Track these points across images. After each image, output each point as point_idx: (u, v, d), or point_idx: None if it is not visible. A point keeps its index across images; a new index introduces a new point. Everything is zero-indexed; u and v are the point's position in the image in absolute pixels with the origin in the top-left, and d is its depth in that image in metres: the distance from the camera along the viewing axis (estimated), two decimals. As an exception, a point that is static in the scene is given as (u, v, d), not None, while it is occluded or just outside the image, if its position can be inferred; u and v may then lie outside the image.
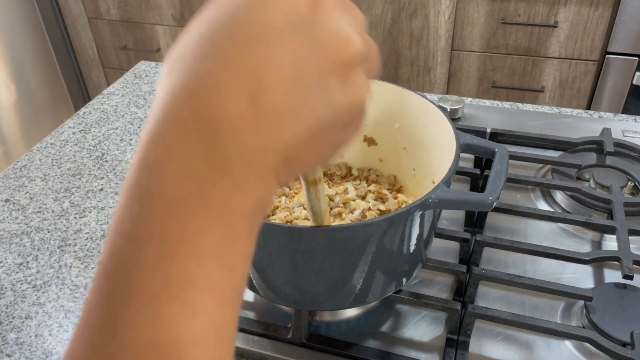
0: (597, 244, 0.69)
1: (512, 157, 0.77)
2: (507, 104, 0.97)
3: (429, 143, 0.60)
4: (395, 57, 1.87)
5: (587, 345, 0.56)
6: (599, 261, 0.63)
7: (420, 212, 0.47)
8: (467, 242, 0.64)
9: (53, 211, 0.80)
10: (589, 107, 1.77)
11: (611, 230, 0.66)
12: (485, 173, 0.75)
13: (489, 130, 0.85)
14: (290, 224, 0.58)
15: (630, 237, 0.64)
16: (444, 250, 0.68)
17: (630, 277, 0.59)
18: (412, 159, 0.64)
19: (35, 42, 2.15)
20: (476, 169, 0.75)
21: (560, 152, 0.82)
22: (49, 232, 0.77)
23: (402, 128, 0.63)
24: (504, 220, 0.72)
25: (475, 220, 0.71)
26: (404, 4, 1.77)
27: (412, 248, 0.50)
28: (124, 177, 0.86)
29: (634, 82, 1.63)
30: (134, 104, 1.06)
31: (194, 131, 0.23)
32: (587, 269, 0.66)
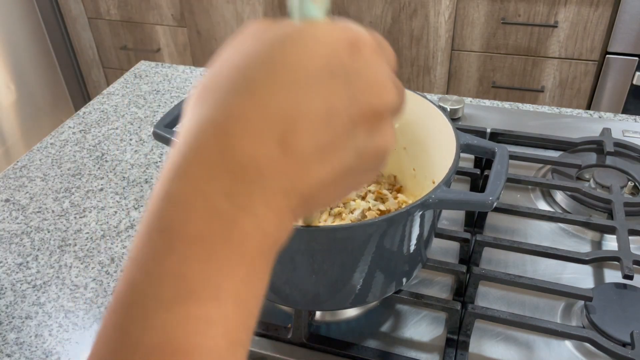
0: (597, 244, 0.69)
1: (512, 157, 0.77)
2: (507, 104, 0.97)
3: (429, 143, 0.60)
4: (395, 57, 1.87)
5: (587, 345, 0.56)
6: (599, 261, 0.63)
7: (420, 212, 0.47)
8: (467, 242, 0.64)
9: (53, 211, 0.80)
10: (589, 107, 1.77)
11: (611, 230, 0.66)
12: (485, 173, 0.75)
13: (489, 130, 0.85)
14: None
15: (630, 237, 0.64)
16: (444, 250, 0.68)
17: (630, 277, 0.59)
18: (412, 159, 0.64)
19: (35, 42, 2.15)
20: (476, 169, 0.75)
21: (560, 152, 0.82)
22: (49, 232, 0.77)
23: (402, 128, 0.63)
24: (504, 220, 0.72)
25: (475, 220, 0.71)
26: (404, 4, 1.76)
27: (412, 248, 0.50)
28: (124, 177, 0.86)
29: (634, 82, 1.63)
30: (134, 104, 1.06)
31: (221, 170, 0.23)
32: (587, 269, 0.66)
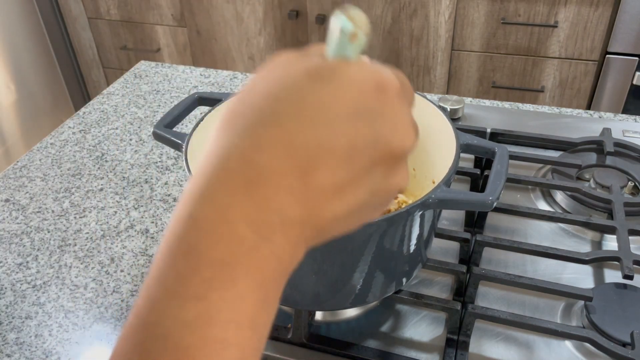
0: (597, 244, 0.69)
1: (512, 157, 0.77)
2: (507, 104, 0.97)
3: (429, 143, 0.60)
4: (395, 57, 1.87)
5: (587, 345, 0.56)
6: (599, 261, 0.63)
7: (420, 212, 0.47)
8: (467, 242, 0.64)
9: (53, 211, 0.80)
10: (589, 107, 1.77)
11: (611, 230, 0.66)
12: (485, 173, 0.75)
13: (489, 130, 0.85)
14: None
15: (630, 237, 0.64)
16: (444, 250, 0.68)
17: (630, 277, 0.59)
18: (412, 159, 0.63)
19: (35, 42, 2.15)
20: (476, 169, 0.75)
21: (560, 152, 0.82)
22: (48, 232, 0.77)
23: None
24: (504, 220, 0.72)
25: (475, 220, 0.71)
26: (404, 4, 1.76)
27: (412, 248, 0.50)
28: (123, 177, 0.86)
29: (634, 82, 1.63)
30: (134, 104, 1.06)
31: (245, 198, 0.24)
32: (587, 269, 0.66)
